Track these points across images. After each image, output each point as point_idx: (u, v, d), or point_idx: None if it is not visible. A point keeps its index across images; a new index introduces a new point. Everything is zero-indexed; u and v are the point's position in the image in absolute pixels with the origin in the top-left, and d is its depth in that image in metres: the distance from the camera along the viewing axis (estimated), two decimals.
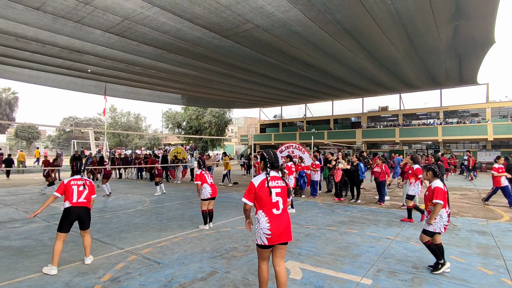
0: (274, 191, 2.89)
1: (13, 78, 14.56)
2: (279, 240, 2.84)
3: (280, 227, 2.83)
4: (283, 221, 2.87)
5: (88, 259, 4.09)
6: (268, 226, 2.81)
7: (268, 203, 2.86)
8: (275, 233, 2.81)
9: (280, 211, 2.89)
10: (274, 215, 2.86)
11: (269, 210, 2.86)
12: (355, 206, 8.57)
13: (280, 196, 2.91)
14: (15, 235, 5.38)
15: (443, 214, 3.81)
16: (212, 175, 6.27)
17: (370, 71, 13.76)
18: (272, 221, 2.83)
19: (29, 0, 6.82)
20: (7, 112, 51.05)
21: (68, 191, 4.05)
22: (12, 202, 8.71)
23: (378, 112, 30.11)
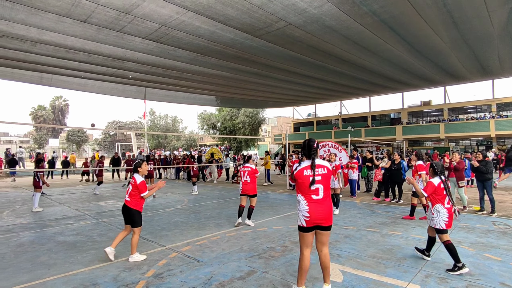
0: (314, 178, 2.99)
1: (64, 86, 15.85)
2: (316, 223, 2.98)
3: (319, 212, 2.97)
4: (323, 207, 3.00)
5: (130, 258, 4.20)
6: (307, 209, 2.98)
7: (306, 190, 3.01)
8: (313, 216, 2.96)
9: (321, 197, 3.00)
10: (313, 200, 3.00)
11: (308, 195, 3.01)
12: (397, 206, 8.12)
13: (321, 183, 3.01)
14: (69, 231, 5.83)
15: (441, 209, 3.87)
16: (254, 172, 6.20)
17: (410, 63, 12.96)
18: (310, 205, 2.98)
19: (76, 14, 7.35)
20: (60, 118, 55.90)
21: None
22: (65, 201, 9.48)
23: (420, 107, 28.31)
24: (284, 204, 8.57)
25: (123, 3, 6.93)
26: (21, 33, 8.33)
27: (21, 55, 10.26)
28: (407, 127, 26.71)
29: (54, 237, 5.43)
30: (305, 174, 3.02)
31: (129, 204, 4.28)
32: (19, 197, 10.28)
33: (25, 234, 5.65)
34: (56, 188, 13.01)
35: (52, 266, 4.01)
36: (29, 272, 3.81)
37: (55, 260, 4.24)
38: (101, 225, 6.27)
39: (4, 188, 12.83)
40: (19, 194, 11.15)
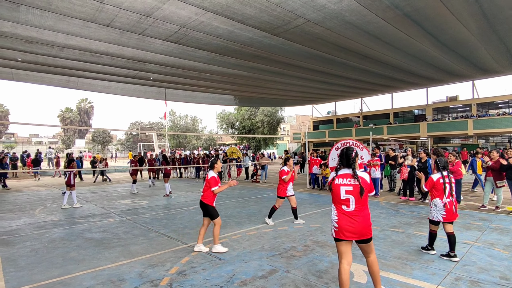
0: (344, 188, 2.89)
1: (89, 89, 16.48)
2: (348, 236, 2.85)
3: (349, 225, 2.84)
4: (355, 220, 2.84)
5: (213, 248, 4.50)
6: (336, 219, 2.91)
7: (338, 200, 2.92)
8: (343, 228, 2.85)
9: (352, 209, 2.86)
10: (344, 212, 2.89)
11: (339, 206, 2.92)
12: (422, 206, 7.84)
13: (351, 194, 2.87)
14: (96, 228, 6.05)
15: (438, 203, 4.14)
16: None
17: (435, 57, 12.44)
18: (340, 216, 2.89)
19: (100, 19, 7.61)
20: (85, 119, 58.22)
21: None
22: (92, 199, 9.86)
23: (446, 102, 27.13)
24: (304, 203, 8.49)
25: (144, 6, 7.09)
26: (50, 39, 8.73)
27: (49, 60, 10.76)
28: (432, 123, 25.69)
29: (82, 234, 5.66)
30: (335, 183, 2.94)
31: (203, 199, 4.57)
32: (49, 195, 10.81)
33: (56, 230, 5.92)
34: (82, 187, 13.55)
35: (81, 262, 4.18)
36: (60, 267, 4.00)
37: (83, 256, 4.41)
38: (126, 223, 6.47)
39: (36, 187, 13.52)
40: (49, 192, 11.72)
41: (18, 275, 3.76)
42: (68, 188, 8.59)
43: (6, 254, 4.54)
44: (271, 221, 6.22)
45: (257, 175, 15.03)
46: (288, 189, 6.13)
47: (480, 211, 7.14)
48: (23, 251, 4.69)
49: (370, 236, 2.90)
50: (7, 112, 53.22)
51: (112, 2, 6.83)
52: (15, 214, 7.50)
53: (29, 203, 9.20)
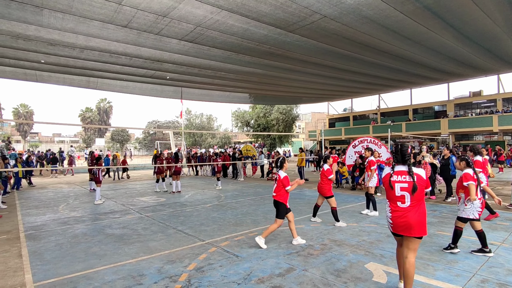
0: (399, 185, 2.92)
1: (108, 89, 16.92)
2: (400, 232, 2.91)
3: (402, 220, 2.87)
4: (408, 216, 2.86)
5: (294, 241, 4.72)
6: (390, 216, 2.98)
7: (393, 196, 2.96)
8: (396, 223, 2.91)
9: (407, 205, 2.88)
10: (398, 208, 2.93)
11: (393, 202, 2.97)
12: (444, 205, 7.58)
13: (406, 191, 2.89)
14: (116, 225, 6.22)
15: (475, 201, 4.05)
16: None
17: (458, 51, 11.97)
18: (393, 213, 2.94)
19: (119, 20, 7.78)
20: (105, 118, 59.92)
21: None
22: (112, 196, 10.13)
23: (469, 98, 26.09)
24: None
25: (160, 7, 7.19)
26: (71, 41, 9.01)
27: (71, 61, 11.11)
28: (454, 120, 24.78)
29: (103, 229, 5.83)
30: (392, 180, 2.96)
31: (276, 198, 4.71)
32: (72, 192, 11.19)
33: (78, 226, 6.13)
34: (103, 184, 13.95)
35: (102, 257, 4.31)
36: (83, 262, 4.13)
37: (105, 251, 4.54)
38: (144, 220, 6.61)
39: (59, 184, 14.04)
40: (71, 189, 12.14)
41: (44, 268, 3.92)
42: (96, 184, 9.03)
43: (33, 248, 4.73)
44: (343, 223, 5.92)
45: (272, 173, 14.99)
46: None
47: (508, 210, 6.84)
48: (48, 245, 4.88)
49: (421, 234, 2.86)
50: (32, 112, 55.53)
51: (130, 3, 6.97)
52: (40, 210, 7.82)
53: (53, 199, 9.57)
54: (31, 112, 55.23)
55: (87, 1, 6.78)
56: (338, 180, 11.54)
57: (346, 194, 9.80)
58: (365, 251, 4.31)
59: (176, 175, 10.97)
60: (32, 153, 18.42)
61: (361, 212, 6.92)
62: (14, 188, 12.08)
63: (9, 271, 3.86)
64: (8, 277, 3.68)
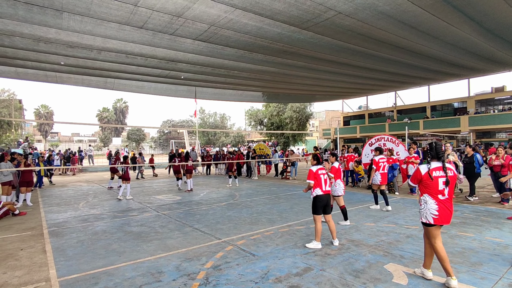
0: (441, 180, 3.26)
1: (124, 89, 17.27)
2: (444, 222, 3.24)
3: (448, 211, 3.24)
4: (450, 206, 3.26)
5: (336, 241, 4.61)
6: (436, 208, 3.24)
7: (435, 190, 3.26)
8: (442, 215, 3.22)
9: (446, 197, 3.26)
10: (441, 200, 3.26)
11: (436, 195, 3.27)
12: (466, 205, 7.34)
13: (445, 184, 3.25)
14: (134, 222, 6.34)
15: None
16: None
17: (479, 45, 11.53)
18: (440, 205, 3.24)
19: (135, 21, 7.91)
20: (121, 118, 61.23)
21: (317, 180, 4.58)
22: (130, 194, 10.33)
23: (491, 94, 25.09)
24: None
25: (175, 7, 7.26)
26: (89, 42, 9.24)
27: (89, 63, 11.40)
28: (474, 117, 23.92)
29: (122, 227, 5.96)
30: (434, 175, 3.27)
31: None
32: (91, 191, 11.50)
33: (98, 223, 6.29)
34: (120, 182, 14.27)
35: (122, 254, 4.40)
36: (104, 258, 4.23)
37: (124, 248, 4.64)
38: (161, 217, 6.72)
39: (78, 183, 14.46)
40: (90, 187, 12.48)
41: (67, 264, 4.04)
42: (123, 181, 9.50)
43: (56, 244, 4.89)
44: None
45: (286, 172, 14.93)
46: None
47: None
48: (70, 242, 5.03)
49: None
50: (52, 112, 57.38)
51: (145, 5, 7.07)
52: (61, 208, 8.07)
53: (73, 197, 9.86)
54: (51, 112, 57.09)
55: (104, 3, 6.92)
56: (354, 179, 11.37)
57: (363, 193, 9.64)
58: (384, 252, 4.23)
59: (189, 174, 11.11)
60: (53, 153, 19.03)
61: (369, 207, 6.98)
62: (37, 186, 12.53)
63: (35, 266, 4.01)
64: (34, 272, 3.82)
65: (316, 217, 4.54)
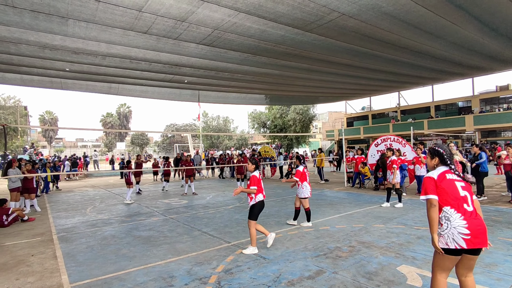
0: (458, 184, 2.43)
1: (128, 94, 17.36)
2: (479, 244, 2.29)
3: (480, 227, 2.31)
4: (479, 221, 2.34)
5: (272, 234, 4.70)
6: (465, 224, 2.29)
7: (456, 197, 2.37)
8: (476, 232, 2.28)
9: (472, 208, 2.38)
10: (469, 212, 2.34)
11: (460, 205, 2.35)
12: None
13: (467, 191, 2.43)
14: (142, 227, 6.35)
15: None
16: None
17: (483, 44, 11.47)
18: (467, 218, 2.31)
19: (139, 27, 7.96)
20: (124, 123, 61.54)
21: (260, 186, 4.62)
22: (136, 199, 10.34)
23: (496, 92, 24.95)
24: (343, 203, 8.25)
25: (179, 12, 7.30)
26: (93, 48, 9.31)
27: (93, 69, 11.49)
28: (479, 116, 23.77)
29: (130, 232, 5.96)
30: (449, 178, 2.44)
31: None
32: (97, 196, 11.54)
33: (107, 228, 6.30)
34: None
35: (132, 259, 4.40)
36: (114, 263, 4.23)
37: (134, 253, 4.64)
38: (169, 222, 6.72)
39: (84, 188, 14.52)
40: (97, 192, 12.52)
41: (79, 269, 4.05)
42: (127, 185, 9.65)
43: (66, 250, 4.91)
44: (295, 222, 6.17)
45: (291, 174, 14.89)
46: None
47: None
48: (80, 247, 5.04)
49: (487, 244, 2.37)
50: (56, 118, 57.79)
51: (150, 10, 7.12)
52: (69, 213, 8.10)
53: (80, 202, 9.90)
54: (55, 118, 57.51)
55: (109, 9, 6.98)
56: (361, 181, 11.31)
57: (369, 194, 9.59)
58: (396, 253, 4.19)
59: (189, 177, 11.24)
60: (59, 158, 19.18)
61: (381, 205, 6.94)
62: (44, 192, 12.59)
63: (46, 272, 4.02)
64: (46, 278, 3.82)
65: (252, 222, 4.53)
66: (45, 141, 57.98)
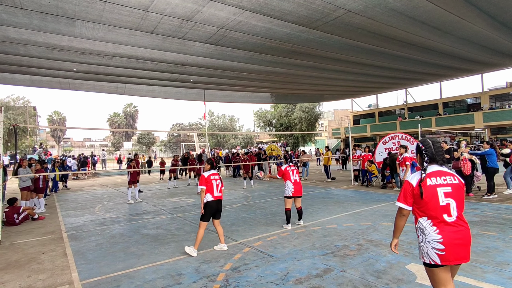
0: (441, 190, 2.13)
1: (135, 94, 17.50)
2: (455, 260, 2.06)
3: (459, 240, 2.07)
4: (461, 232, 2.09)
5: (224, 246, 4.62)
6: (439, 238, 2.07)
7: (434, 208, 2.12)
8: (451, 248, 2.05)
9: (454, 218, 2.10)
10: (446, 223, 2.10)
11: (437, 216, 2.11)
12: (485, 203, 7.16)
13: (452, 197, 2.11)
14: (150, 225, 6.40)
15: None
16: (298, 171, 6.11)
17: (492, 39, 11.28)
18: (444, 231, 2.08)
19: (145, 26, 8.01)
20: (131, 123, 62.04)
21: (209, 185, 4.52)
22: (142, 197, 10.43)
23: (506, 89, 24.49)
24: (351, 201, 8.20)
25: (185, 11, 7.32)
26: (100, 49, 9.40)
27: (100, 69, 11.59)
28: (489, 113, 23.37)
29: (138, 230, 6.02)
30: (430, 184, 2.14)
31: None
32: (105, 194, 11.67)
33: (115, 227, 6.37)
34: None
35: (141, 256, 4.44)
36: (123, 261, 4.28)
37: (142, 251, 4.68)
38: (176, 220, 6.76)
39: (92, 187, 14.70)
40: (105, 191, 12.66)
41: (88, 267, 4.10)
42: (130, 185, 9.69)
43: (76, 248, 4.98)
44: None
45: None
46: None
47: None
48: (90, 245, 5.11)
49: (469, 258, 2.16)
50: (64, 118, 58.54)
51: (156, 10, 7.15)
52: (78, 212, 8.21)
53: (88, 201, 10.02)
54: (63, 118, 58.25)
55: (116, 9, 7.03)
56: (368, 179, 11.23)
57: (377, 193, 9.51)
58: (404, 252, 4.15)
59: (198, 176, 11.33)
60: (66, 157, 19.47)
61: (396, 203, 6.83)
62: (53, 191, 12.78)
63: (57, 269, 4.08)
64: (57, 275, 3.88)
65: (202, 223, 4.44)
66: (53, 141, 58.80)
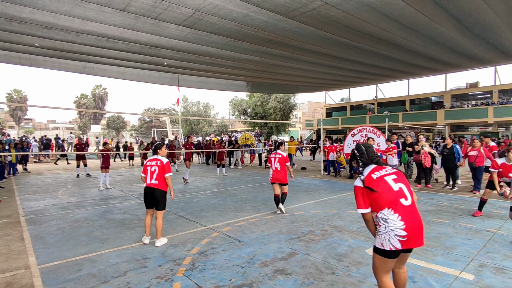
0: (389, 178, 2.24)
1: (104, 75, 16.64)
2: (414, 243, 2.12)
3: (417, 226, 2.14)
4: (417, 215, 2.18)
5: (158, 242, 4.12)
6: (402, 225, 2.10)
7: (391, 193, 2.17)
8: (413, 232, 2.11)
9: (410, 201, 2.19)
10: (405, 207, 2.15)
11: (396, 201, 2.15)
12: (441, 194, 7.71)
13: (401, 182, 2.24)
14: (116, 210, 6.23)
15: None
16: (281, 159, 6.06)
17: (457, 41, 11.93)
18: (405, 216, 2.12)
19: (116, 3, 7.58)
20: (100, 105, 59.14)
21: (145, 172, 4.29)
22: (110, 182, 10.07)
23: (466, 89, 26.19)
24: (319, 190, 8.49)
25: None
26: (66, 24, 8.79)
27: (66, 46, 10.86)
28: (450, 111, 24.94)
29: (104, 214, 5.84)
30: (376, 177, 2.24)
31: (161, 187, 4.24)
32: (69, 178, 11.15)
33: (79, 211, 6.13)
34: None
35: (105, 241, 4.33)
36: (86, 245, 4.15)
37: (107, 236, 4.57)
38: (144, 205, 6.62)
39: (56, 170, 13.96)
40: (69, 175, 12.08)
41: (48, 251, 3.94)
42: (103, 170, 8.97)
43: (35, 232, 4.74)
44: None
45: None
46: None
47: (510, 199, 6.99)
48: (50, 229, 4.89)
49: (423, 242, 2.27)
50: (25, 98, 54.51)
51: None
52: (39, 195, 7.79)
53: (51, 185, 9.53)
54: (24, 97, 54.20)
55: None
56: (336, 169, 11.64)
57: (344, 182, 9.91)
58: (365, 237, 4.39)
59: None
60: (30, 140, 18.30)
61: None
62: (10, 173, 11.99)
63: (13, 253, 3.88)
64: (12, 259, 3.69)
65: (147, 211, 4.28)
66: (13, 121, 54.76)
